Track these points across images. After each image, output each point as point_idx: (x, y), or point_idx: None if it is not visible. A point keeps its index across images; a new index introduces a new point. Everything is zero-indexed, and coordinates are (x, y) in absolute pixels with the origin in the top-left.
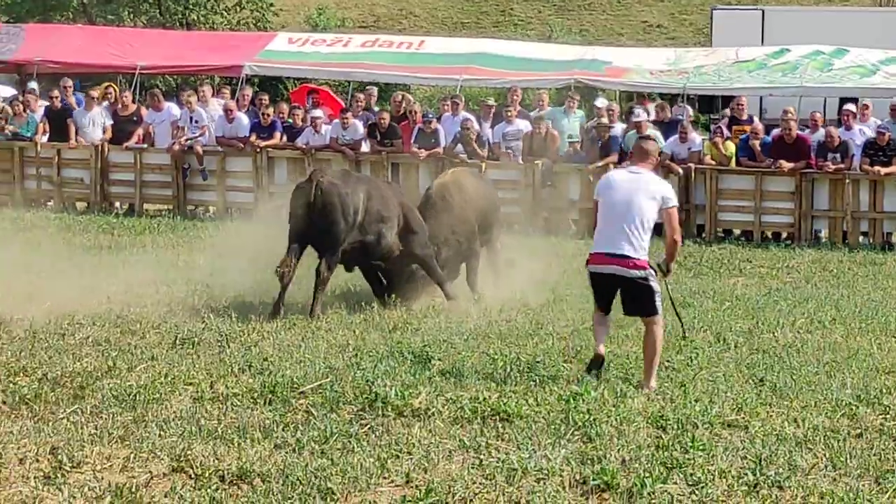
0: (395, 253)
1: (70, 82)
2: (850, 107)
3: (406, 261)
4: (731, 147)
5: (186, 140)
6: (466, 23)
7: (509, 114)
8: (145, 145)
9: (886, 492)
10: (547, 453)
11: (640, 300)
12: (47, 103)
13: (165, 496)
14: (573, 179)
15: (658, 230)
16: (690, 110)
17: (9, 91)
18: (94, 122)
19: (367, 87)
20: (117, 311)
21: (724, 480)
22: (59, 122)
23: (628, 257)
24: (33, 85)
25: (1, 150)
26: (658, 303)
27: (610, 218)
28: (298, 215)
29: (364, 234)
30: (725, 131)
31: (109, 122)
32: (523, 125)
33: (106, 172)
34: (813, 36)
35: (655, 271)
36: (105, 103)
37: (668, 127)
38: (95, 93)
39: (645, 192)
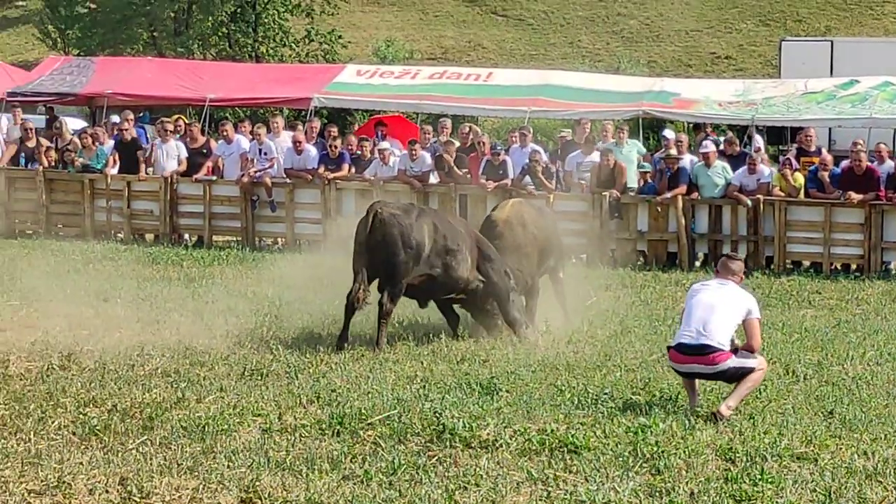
0: (472, 286)
1: (131, 115)
2: None
3: (482, 296)
4: (799, 178)
5: (255, 172)
6: (534, 54)
7: (589, 144)
8: (214, 177)
9: None
10: (615, 485)
11: (732, 379)
12: (117, 135)
13: None
14: (641, 211)
15: None
16: (761, 140)
17: (79, 123)
18: (170, 154)
19: (441, 119)
20: (186, 342)
21: None
22: (129, 153)
23: (709, 348)
24: (116, 119)
25: (71, 183)
26: (750, 363)
27: (692, 316)
28: (360, 247)
29: (431, 268)
30: (794, 163)
31: (185, 155)
32: (597, 156)
33: (175, 204)
34: (882, 67)
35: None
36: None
37: (737, 159)
38: (170, 125)
39: (731, 298)
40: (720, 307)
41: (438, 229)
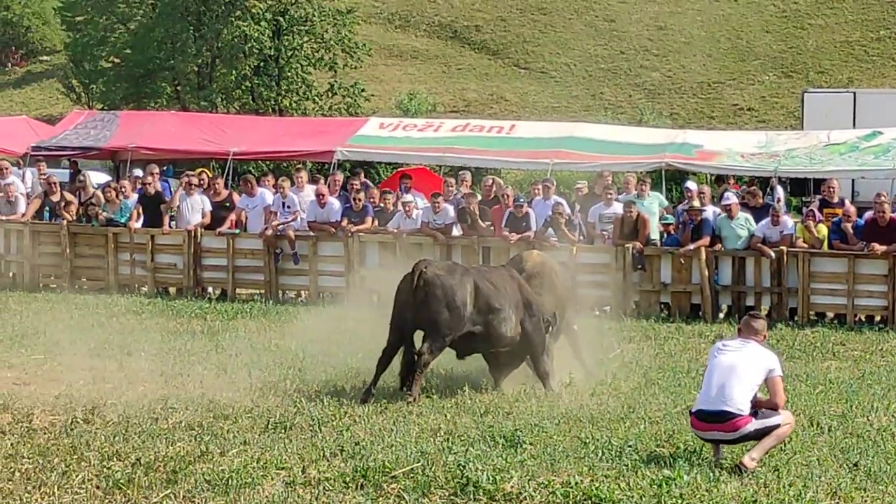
0: (516, 340)
1: (157, 168)
2: None
3: (517, 349)
4: (823, 230)
5: (279, 225)
6: (557, 107)
7: (609, 196)
8: (238, 230)
9: None
10: None
11: (756, 439)
12: (140, 188)
13: None
14: (664, 262)
15: None
16: (782, 192)
17: (103, 177)
18: (194, 207)
19: (461, 172)
20: (210, 395)
21: None
22: (153, 207)
23: (728, 415)
24: (138, 172)
25: (95, 236)
26: (773, 421)
27: (711, 381)
28: (402, 304)
29: (473, 325)
30: (817, 214)
31: (209, 208)
32: (619, 208)
33: (199, 258)
34: None
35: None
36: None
37: (760, 211)
38: (195, 178)
39: (751, 359)
40: (740, 370)
41: (481, 289)
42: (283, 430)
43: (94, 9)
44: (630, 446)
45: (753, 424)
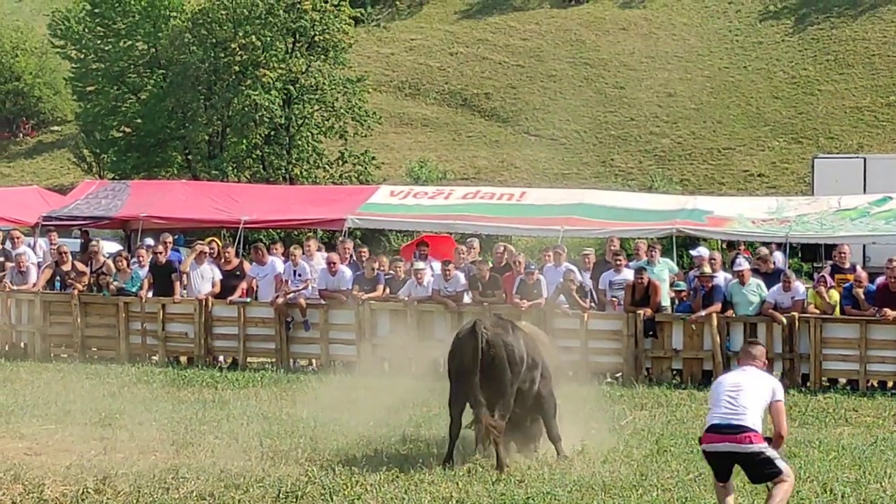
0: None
1: (170, 237)
2: None
3: (532, 409)
4: (834, 295)
5: (290, 293)
6: (567, 174)
7: (619, 262)
8: (249, 299)
9: None
10: None
11: (761, 470)
12: (150, 258)
13: None
14: (676, 329)
15: None
16: (780, 256)
17: (114, 247)
18: (204, 277)
19: (468, 240)
20: (221, 464)
21: None
22: (164, 276)
23: (742, 428)
24: (150, 241)
25: (106, 306)
26: (780, 464)
27: (720, 399)
28: (465, 366)
29: (522, 383)
30: (829, 280)
31: (219, 277)
32: (630, 274)
33: (210, 326)
34: None
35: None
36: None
37: (771, 277)
38: (205, 247)
39: (755, 379)
40: (746, 388)
41: (528, 345)
42: (294, 500)
43: (104, 79)
44: None
45: (765, 448)
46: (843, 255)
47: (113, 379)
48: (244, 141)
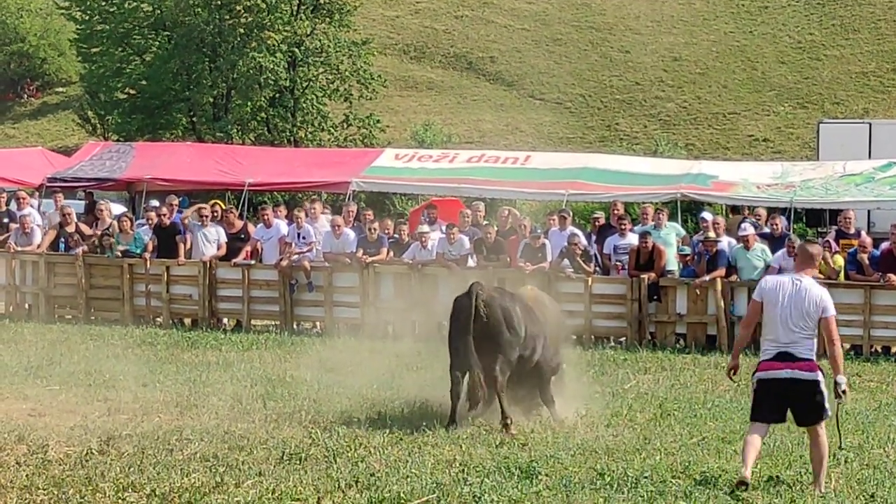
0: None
1: (176, 200)
2: None
3: (528, 376)
4: (839, 261)
5: (294, 256)
6: (572, 138)
7: (623, 226)
8: (253, 261)
9: None
10: None
11: (813, 406)
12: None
13: None
14: (680, 293)
15: None
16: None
17: (119, 209)
18: (209, 239)
19: (474, 203)
20: (225, 426)
21: None
22: (168, 238)
23: (804, 359)
24: (155, 203)
25: (110, 267)
26: (828, 406)
27: (777, 325)
28: (461, 327)
29: (524, 349)
30: (833, 245)
31: (224, 240)
32: (634, 239)
33: (214, 289)
34: None
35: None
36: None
37: (777, 241)
38: (207, 210)
39: (808, 299)
40: (800, 312)
41: (528, 315)
42: (298, 462)
43: (109, 40)
44: (646, 478)
45: (821, 382)
46: (847, 220)
47: (117, 340)
48: (249, 103)
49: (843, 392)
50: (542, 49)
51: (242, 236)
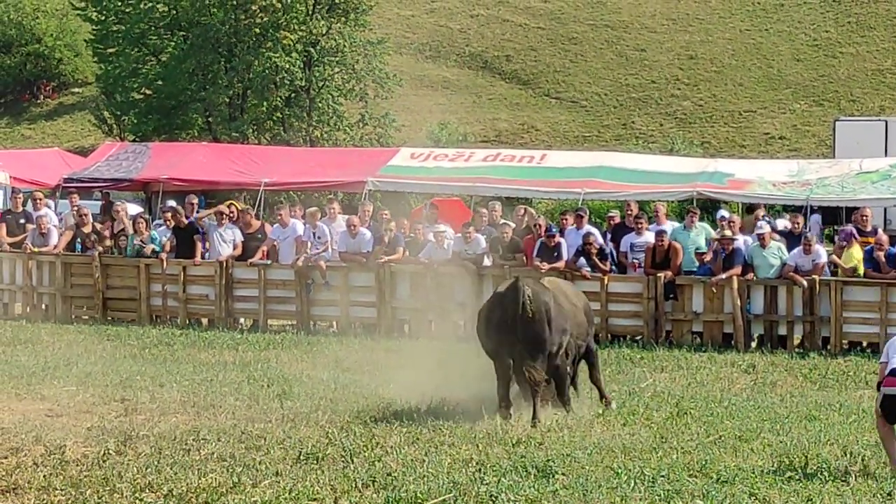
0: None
1: (195, 199)
2: None
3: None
4: (857, 252)
5: (310, 256)
6: (588, 136)
7: (640, 225)
8: (269, 261)
9: None
10: None
11: None
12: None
13: None
14: (696, 292)
15: None
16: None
17: (136, 209)
18: (225, 239)
19: (491, 203)
20: (242, 426)
21: None
22: (186, 238)
23: None
24: (172, 203)
25: (127, 267)
26: None
27: None
28: (505, 324)
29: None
30: (853, 234)
31: (240, 239)
32: (650, 237)
33: (230, 288)
34: None
35: None
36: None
37: (795, 239)
38: (226, 210)
39: None
40: None
41: (561, 308)
42: (314, 462)
43: (125, 40)
44: (663, 476)
45: None
46: (864, 217)
47: (134, 341)
48: (265, 103)
49: None
50: (557, 48)
51: (259, 236)
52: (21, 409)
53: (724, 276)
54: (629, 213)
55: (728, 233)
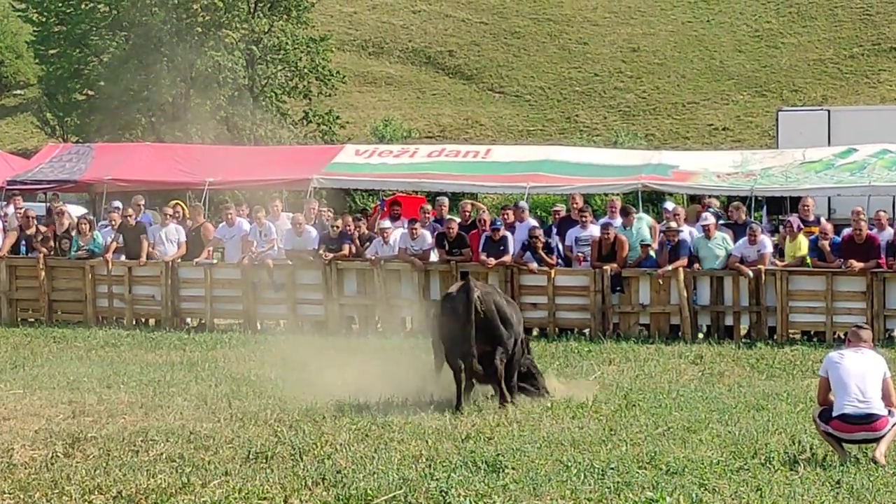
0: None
1: (142, 199)
2: None
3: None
4: (803, 242)
5: (256, 254)
6: (532, 130)
7: (584, 218)
8: (215, 261)
9: None
10: None
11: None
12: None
13: None
14: (643, 284)
15: None
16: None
17: (80, 210)
18: (170, 238)
19: (437, 198)
20: (190, 426)
21: None
22: (134, 238)
23: (874, 416)
24: (118, 203)
25: (72, 269)
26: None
27: (848, 386)
28: (461, 322)
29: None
30: (795, 229)
31: (184, 239)
32: (595, 230)
33: (177, 288)
34: (879, 135)
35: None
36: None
37: (739, 229)
38: (170, 210)
39: (872, 363)
40: (869, 374)
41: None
42: (264, 461)
43: (66, 41)
44: (612, 469)
45: (890, 423)
46: (807, 207)
47: (80, 343)
48: (208, 102)
49: None
50: (500, 42)
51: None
52: None
53: (670, 267)
54: (574, 206)
55: (673, 224)
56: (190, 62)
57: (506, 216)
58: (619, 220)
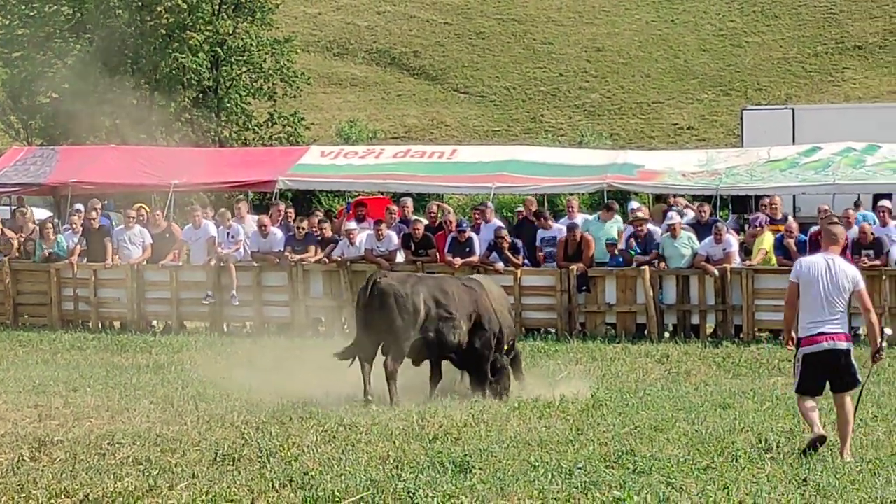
0: (463, 348)
1: (99, 203)
2: (886, 203)
3: (466, 355)
4: (769, 238)
5: (222, 255)
6: (497, 130)
7: (544, 219)
8: (181, 263)
9: None
10: None
11: (847, 373)
12: (83, 223)
13: None
14: (609, 283)
15: None
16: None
17: (44, 213)
18: (134, 241)
19: (402, 199)
20: (157, 429)
21: None
22: (97, 241)
23: (840, 333)
24: (80, 206)
25: (37, 272)
26: (858, 376)
27: (815, 304)
28: (360, 316)
29: (424, 333)
30: (764, 222)
31: (150, 241)
32: (561, 230)
33: (142, 291)
34: (843, 133)
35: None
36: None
37: (704, 228)
38: (133, 212)
39: (842, 277)
40: (836, 290)
41: (433, 297)
42: (231, 463)
43: (30, 44)
44: (580, 468)
45: (851, 351)
46: (774, 206)
47: (46, 346)
48: (172, 104)
49: (877, 355)
50: (465, 42)
51: (167, 236)
52: None
53: (635, 264)
54: (531, 208)
55: (640, 214)
56: (154, 64)
57: (475, 216)
58: (579, 219)
